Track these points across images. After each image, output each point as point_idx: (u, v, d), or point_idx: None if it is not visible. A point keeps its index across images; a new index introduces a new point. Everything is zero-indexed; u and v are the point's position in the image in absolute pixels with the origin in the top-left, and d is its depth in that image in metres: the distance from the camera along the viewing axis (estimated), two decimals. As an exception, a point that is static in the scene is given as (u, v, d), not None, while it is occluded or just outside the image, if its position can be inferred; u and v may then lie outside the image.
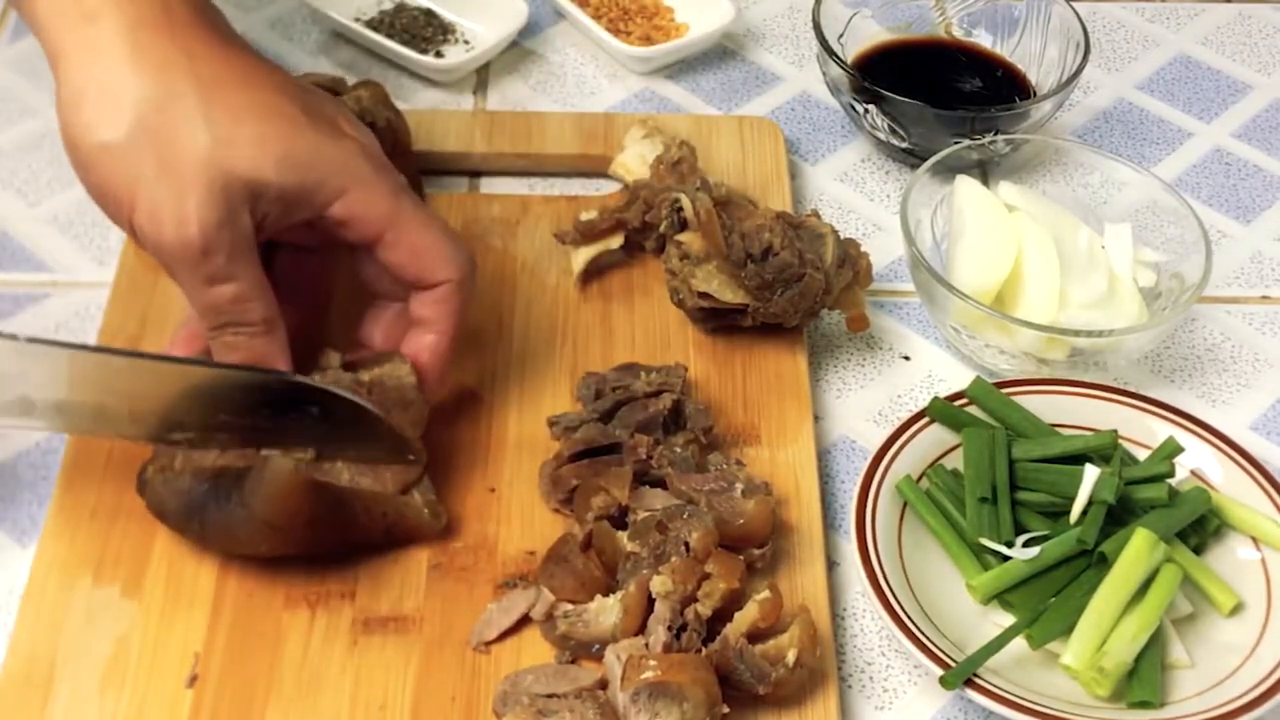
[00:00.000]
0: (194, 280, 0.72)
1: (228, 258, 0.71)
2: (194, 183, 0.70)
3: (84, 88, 0.70)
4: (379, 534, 0.78)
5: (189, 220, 0.70)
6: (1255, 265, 1.01)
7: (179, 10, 0.72)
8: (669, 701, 0.69)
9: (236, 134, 0.70)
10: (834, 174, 1.06)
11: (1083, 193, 0.98)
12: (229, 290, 0.72)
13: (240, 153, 0.70)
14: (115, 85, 0.70)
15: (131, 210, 0.71)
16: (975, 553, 0.79)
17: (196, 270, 0.71)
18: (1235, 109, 1.12)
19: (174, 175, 0.70)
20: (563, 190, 1.01)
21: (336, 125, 0.75)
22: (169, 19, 0.71)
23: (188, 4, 0.73)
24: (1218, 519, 0.82)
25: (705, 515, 0.76)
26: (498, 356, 0.89)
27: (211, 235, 0.70)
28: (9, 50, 1.11)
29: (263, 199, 0.71)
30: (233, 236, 0.71)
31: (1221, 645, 0.77)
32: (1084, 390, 0.86)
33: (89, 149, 0.71)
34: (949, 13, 1.10)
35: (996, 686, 0.73)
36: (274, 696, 0.73)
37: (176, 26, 0.71)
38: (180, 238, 0.70)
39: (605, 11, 1.14)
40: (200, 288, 0.72)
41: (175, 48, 0.71)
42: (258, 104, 0.71)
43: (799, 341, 0.91)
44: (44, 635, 0.75)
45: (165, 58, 0.71)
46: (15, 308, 0.93)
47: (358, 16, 1.12)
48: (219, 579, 0.77)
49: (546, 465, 0.82)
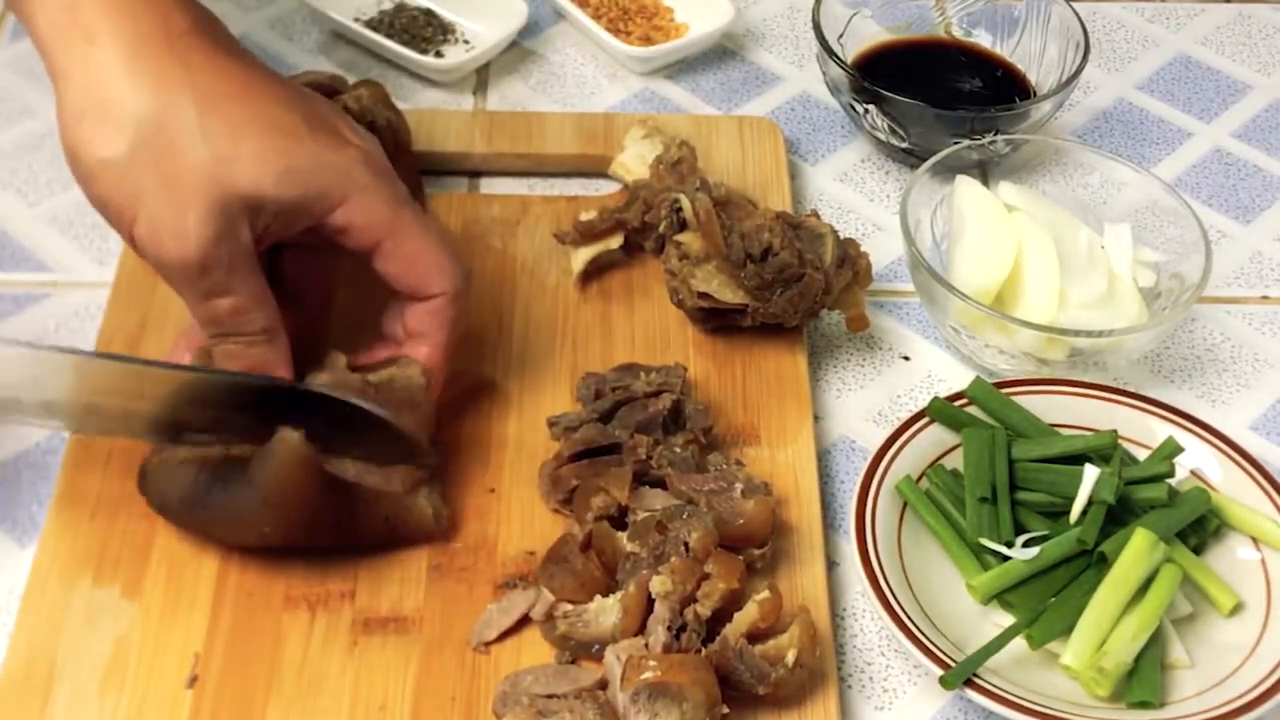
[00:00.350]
0: (193, 293, 0.73)
1: (226, 272, 0.72)
2: (192, 199, 0.70)
3: (85, 105, 0.71)
4: (380, 533, 0.78)
5: (187, 236, 0.70)
6: (1255, 265, 1.01)
7: (177, 24, 0.72)
8: (669, 702, 0.69)
9: (235, 150, 0.70)
10: (834, 174, 1.06)
11: (1083, 193, 0.98)
12: (227, 303, 0.73)
13: (239, 169, 0.70)
14: (115, 102, 0.70)
15: (132, 224, 0.71)
16: (975, 553, 0.79)
17: (195, 284, 0.72)
18: (1235, 109, 1.12)
19: (173, 191, 0.70)
20: (563, 190, 1.01)
21: (338, 133, 0.75)
22: (167, 34, 0.71)
23: (186, 17, 0.73)
24: (1217, 519, 0.82)
25: (705, 515, 0.76)
26: (498, 357, 0.89)
27: (209, 251, 0.71)
28: (9, 50, 1.11)
29: (262, 213, 0.72)
30: (231, 251, 0.71)
31: (1221, 645, 0.77)
32: (1084, 390, 0.86)
33: (90, 164, 0.71)
34: (949, 13, 1.10)
35: (996, 686, 0.73)
36: (274, 697, 0.73)
37: (175, 41, 0.71)
38: (179, 253, 0.71)
39: (605, 11, 1.14)
40: (199, 301, 0.73)
41: (174, 62, 0.71)
42: (257, 117, 0.71)
43: (799, 341, 0.91)
44: (44, 635, 0.75)
45: (164, 74, 0.70)
46: (15, 308, 0.93)
47: (357, 16, 1.12)
48: (219, 579, 0.77)
49: (546, 465, 0.82)
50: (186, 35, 0.72)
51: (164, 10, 0.72)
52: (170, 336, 0.88)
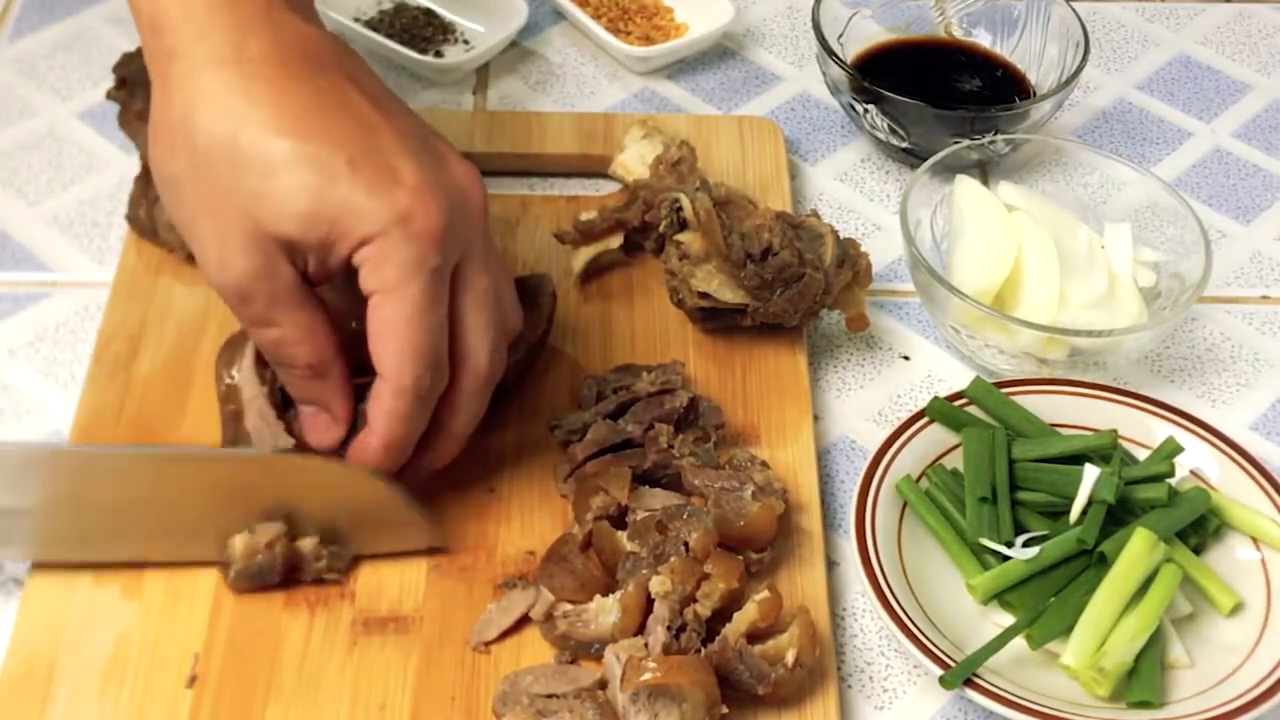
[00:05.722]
0: (241, 320, 0.74)
1: (266, 305, 0.71)
2: (233, 231, 0.70)
3: (160, 121, 0.72)
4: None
5: (229, 266, 0.71)
6: (1255, 265, 1.01)
7: (252, 48, 0.71)
8: (669, 702, 0.69)
9: (267, 188, 0.69)
10: (834, 174, 1.06)
11: (1083, 193, 0.99)
12: (273, 334, 0.73)
13: (267, 207, 0.69)
14: (181, 124, 0.71)
15: (188, 242, 0.73)
16: (975, 553, 0.79)
17: (240, 312, 0.73)
18: (1235, 109, 1.13)
19: (217, 220, 0.70)
20: (563, 190, 1.01)
21: (393, 174, 0.70)
22: (238, 59, 0.70)
23: (262, 40, 0.71)
24: (1217, 519, 0.82)
25: (705, 515, 0.76)
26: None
27: (247, 283, 0.71)
28: (9, 50, 1.11)
29: (297, 251, 0.71)
30: (271, 286, 0.71)
31: (1221, 645, 0.77)
32: (1084, 390, 0.86)
33: (158, 179, 0.73)
34: (949, 13, 1.10)
35: (996, 686, 0.73)
36: (274, 696, 0.73)
37: (244, 66, 0.70)
38: (221, 281, 0.71)
39: (605, 11, 1.14)
40: (248, 328, 0.74)
41: (235, 90, 0.70)
42: (298, 155, 0.69)
43: (799, 341, 0.91)
44: (44, 635, 0.75)
45: (222, 101, 0.70)
46: (15, 308, 0.93)
47: (357, 16, 1.12)
48: (219, 579, 0.77)
49: (561, 469, 0.82)
50: (256, 61, 0.70)
51: (241, 32, 0.71)
52: (170, 336, 0.88)
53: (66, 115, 1.06)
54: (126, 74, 0.92)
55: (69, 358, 0.90)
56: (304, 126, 0.70)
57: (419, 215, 0.70)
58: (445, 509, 0.80)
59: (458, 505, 0.81)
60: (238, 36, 0.71)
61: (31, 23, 1.13)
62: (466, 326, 0.74)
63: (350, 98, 0.72)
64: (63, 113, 1.06)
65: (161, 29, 0.71)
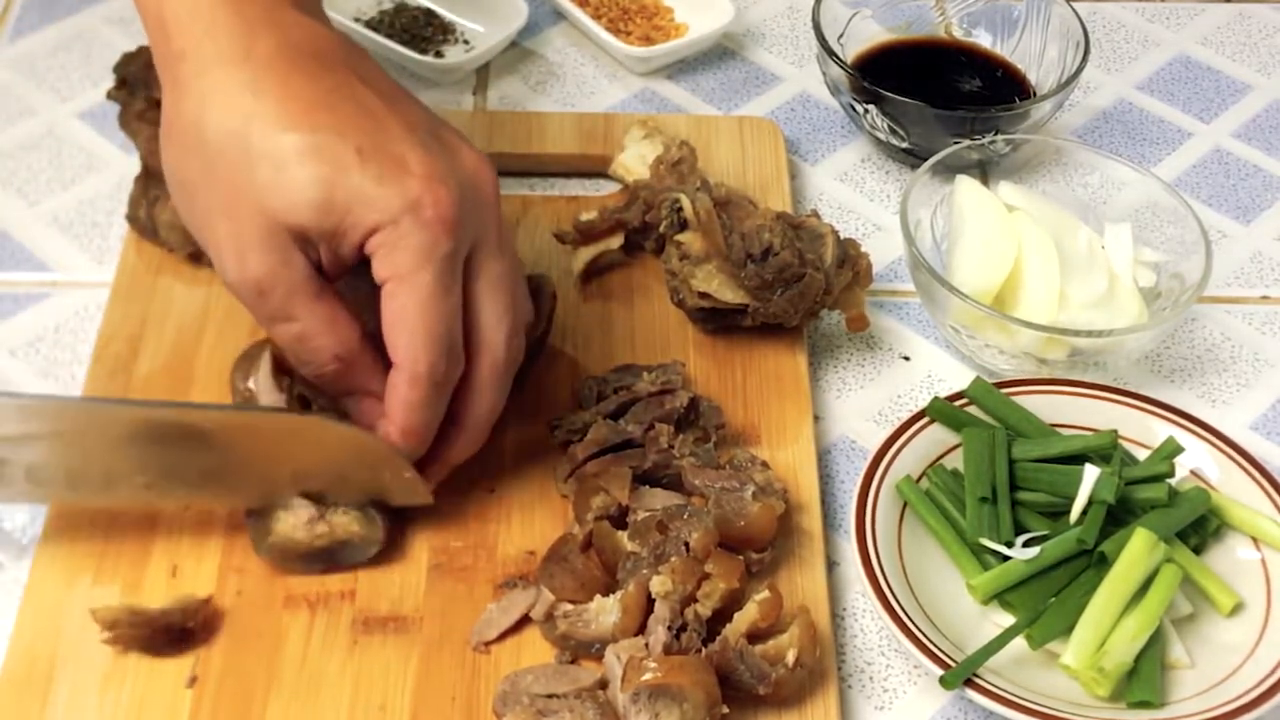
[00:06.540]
0: (260, 319, 0.74)
1: (284, 299, 0.72)
2: (247, 227, 0.70)
3: (172, 120, 0.72)
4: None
5: (246, 263, 0.71)
6: (1255, 265, 1.01)
7: (261, 46, 0.71)
8: (669, 702, 0.69)
9: (278, 180, 0.70)
10: (834, 174, 1.06)
11: (1083, 193, 0.99)
12: (293, 329, 0.73)
13: (280, 199, 0.70)
14: (190, 124, 0.71)
15: (205, 244, 0.73)
16: (975, 553, 0.79)
17: (258, 309, 0.73)
18: (1235, 109, 1.13)
19: (231, 219, 0.71)
20: (563, 190, 1.01)
21: (402, 163, 0.71)
22: (246, 57, 0.71)
23: (272, 38, 0.72)
24: (1217, 519, 0.82)
25: (705, 515, 0.76)
26: (498, 356, 0.89)
27: (264, 278, 0.71)
28: (9, 50, 1.11)
29: (310, 243, 0.71)
30: (288, 278, 0.71)
31: (1221, 645, 0.77)
32: (1084, 390, 0.86)
33: (170, 182, 0.74)
34: (949, 13, 1.10)
35: (996, 686, 0.73)
36: (274, 696, 0.73)
37: (252, 64, 0.71)
38: (238, 279, 0.72)
39: (605, 11, 1.14)
40: (267, 326, 0.74)
41: (244, 87, 0.70)
42: (307, 147, 0.70)
43: (799, 341, 0.91)
44: (44, 635, 0.75)
45: (231, 99, 0.70)
46: (15, 308, 0.93)
47: (357, 16, 1.12)
48: (219, 579, 0.77)
49: (561, 469, 0.82)
50: (264, 58, 0.71)
51: (249, 32, 0.71)
52: (170, 336, 0.88)
53: (66, 115, 1.06)
54: (126, 74, 0.92)
55: (69, 358, 0.90)
56: (313, 119, 0.70)
57: (429, 202, 0.71)
58: (445, 509, 0.80)
59: (458, 505, 0.81)
60: (246, 36, 0.71)
61: (31, 23, 1.13)
62: (482, 312, 0.75)
63: (358, 91, 0.73)
64: (63, 113, 1.06)
65: (169, 31, 0.72)
